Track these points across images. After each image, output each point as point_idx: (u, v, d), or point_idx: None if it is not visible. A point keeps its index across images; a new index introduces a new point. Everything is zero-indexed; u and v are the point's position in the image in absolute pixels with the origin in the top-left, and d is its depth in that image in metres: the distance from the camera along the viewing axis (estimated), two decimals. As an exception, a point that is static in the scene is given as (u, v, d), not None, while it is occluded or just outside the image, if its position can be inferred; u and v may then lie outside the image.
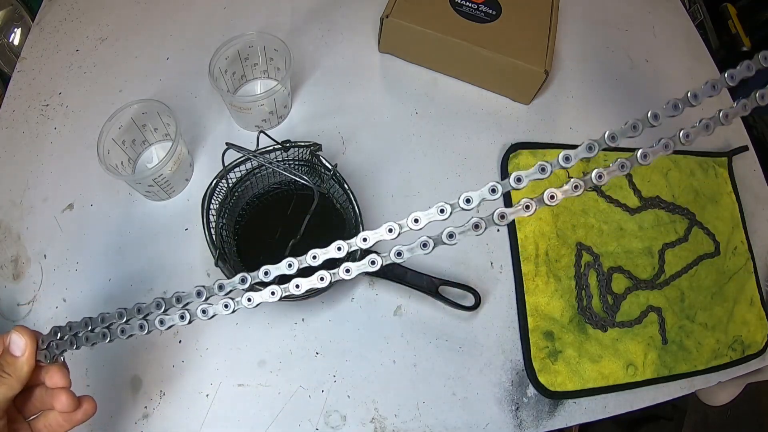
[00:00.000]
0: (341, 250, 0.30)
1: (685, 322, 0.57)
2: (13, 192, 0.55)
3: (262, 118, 0.58)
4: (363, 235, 0.30)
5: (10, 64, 0.64)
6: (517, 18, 0.64)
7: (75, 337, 0.32)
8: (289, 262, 0.30)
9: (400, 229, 0.29)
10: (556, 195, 0.27)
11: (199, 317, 0.30)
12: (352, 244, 0.30)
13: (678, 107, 0.28)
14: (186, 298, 0.31)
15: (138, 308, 0.31)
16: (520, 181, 0.28)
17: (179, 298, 0.31)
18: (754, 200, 0.67)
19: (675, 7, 0.80)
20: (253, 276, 0.30)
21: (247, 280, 0.30)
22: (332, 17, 0.70)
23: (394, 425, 0.48)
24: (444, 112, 0.64)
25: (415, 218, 0.29)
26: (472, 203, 0.29)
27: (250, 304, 0.30)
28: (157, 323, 0.30)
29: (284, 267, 0.30)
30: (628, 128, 0.28)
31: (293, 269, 0.30)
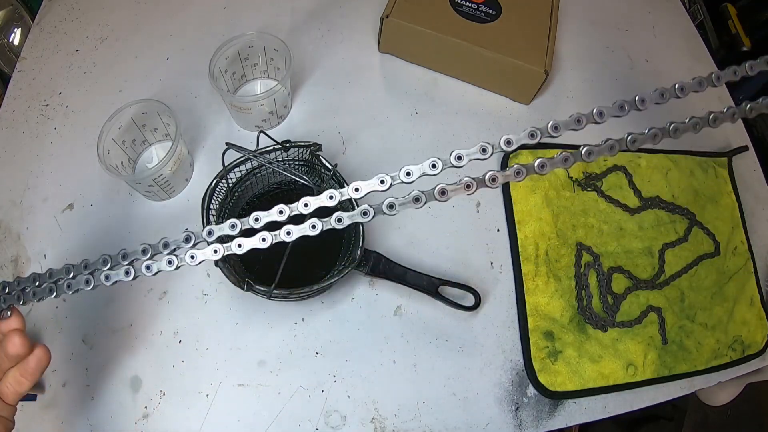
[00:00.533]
0: (333, 199, 0.29)
1: (685, 322, 0.57)
2: (13, 192, 0.55)
3: (262, 118, 0.58)
4: (355, 185, 0.29)
5: (10, 64, 0.64)
6: (517, 18, 0.64)
7: (22, 292, 0.31)
8: (280, 209, 0.29)
9: (391, 181, 0.29)
10: (546, 165, 0.28)
11: (187, 263, 0.29)
12: (344, 193, 0.29)
13: (664, 96, 0.28)
14: (174, 244, 0.30)
15: (123, 254, 0.30)
16: (510, 144, 0.28)
17: (166, 244, 0.30)
18: (754, 200, 0.67)
19: (675, 7, 0.80)
20: (243, 222, 0.30)
21: (237, 225, 0.30)
22: (332, 17, 0.70)
23: (394, 425, 0.48)
24: (444, 112, 0.64)
25: (407, 171, 0.29)
26: (463, 160, 0.29)
27: (240, 249, 0.29)
28: (143, 269, 0.29)
29: (275, 213, 0.30)
30: (615, 108, 0.28)
31: (284, 216, 0.30)
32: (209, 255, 0.29)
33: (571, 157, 0.28)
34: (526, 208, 0.58)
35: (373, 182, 0.29)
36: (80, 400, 0.47)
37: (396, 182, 0.29)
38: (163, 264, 0.29)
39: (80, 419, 0.46)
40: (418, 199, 0.29)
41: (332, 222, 0.29)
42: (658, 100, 0.28)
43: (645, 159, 0.64)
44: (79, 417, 0.46)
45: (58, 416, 0.46)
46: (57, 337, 0.49)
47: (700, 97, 0.73)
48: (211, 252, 0.29)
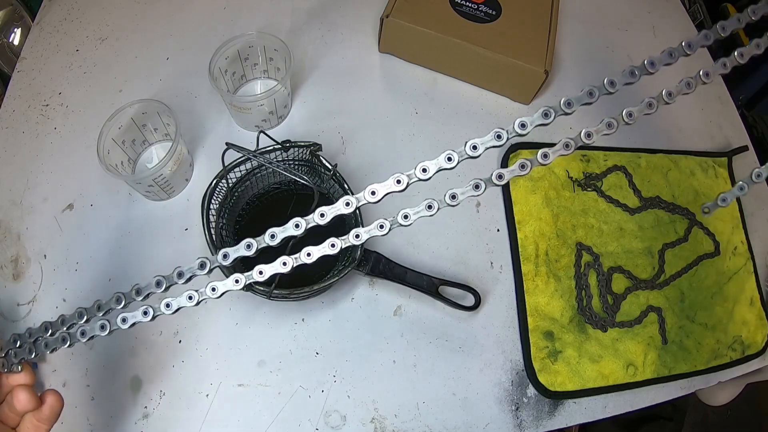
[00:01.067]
0: (350, 206, 0.28)
1: (685, 322, 0.57)
2: (13, 192, 0.55)
3: (262, 118, 0.58)
4: (371, 188, 0.27)
5: (10, 64, 0.64)
6: (517, 18, 0.64)
7: (34, 344, 0.31)
8: (296, 222, 0.28)
9: (408, 180, 0.27)
10: (549, 154, 0.27)
11: (209, 296, 0.28)
12: (361, 198, 0.28)
13: (635, 74, 0.27)
14: (189, 272, 0.29)
15: (137, 290, 0.29)
16: (524, 127, 0.28)
17: (181, 273, 0.29)
18: (754, 200, 0.67)
19: (675, 7, 0.80)
20: (259, 241, 0.28)
21: (253, 245, 0.28)
22: (332, 17, 0.70)
23: (394, 425, 0.48)
24: (444, 112, 0.64)
25: (423, 168, 0.27)
26: (478, 150, 0.28)
27: (261, 276, 0.28)
28: (162, 308, 0.28)
29: (291, 227, 0.28)
30: (584, 95, 0.28)
31: (301, 229, 0.28)
32: (231, 285, 0.28)
33: (572, 141, 0.27)
34: (526, 208, 0.58)
35: (389, 183, 0.28)
36: (80, 400, 0.47)
37: (413, 180, 0.28)
38: (183, 300, 0.28)
39: (80, 419, 0.46)
40: (431, 207, 0.28)
41: (351, 239, 0.28)
42: (629, 79, 0.28)
43: (645, 159, 0.64)
44: (79, 417, 0.46)
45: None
46: (57, 337, 0.49)
47: (700, 97, 0.74)
48: (232, 282, 0.28)
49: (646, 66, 0.27)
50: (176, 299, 0.28)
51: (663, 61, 0.28)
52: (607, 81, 0.27)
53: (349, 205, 0.28)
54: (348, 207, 0.28)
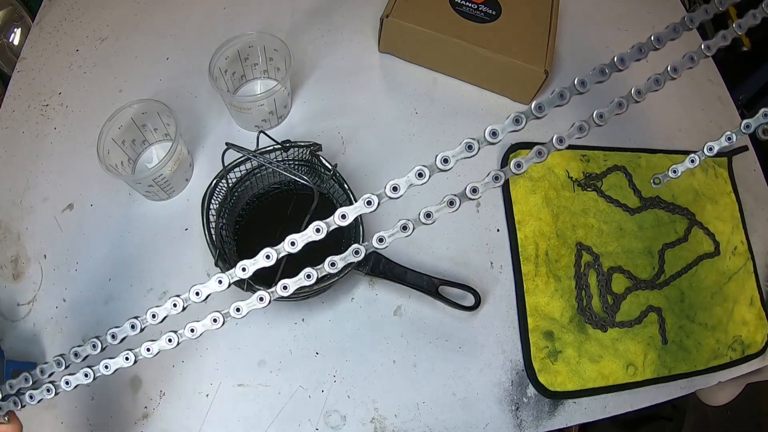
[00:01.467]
0: (371, 204, 0.27)
1: (685, 322, 0.57)
2: (13, 192, 0.55)
3: (262, 118, 0.58)
4: (392, 183, 0.27)
5: (10, 64, 0.64)
6: (517, 18, 0.64)
7: (53, 384, 0.30)
8: (317, 226, 0.27)
9: (429, 172, 0.27)
10: (544, 151, 0.27)
11: (188, 337, 0.28)
12: (383, 195, 0.27)
13: (605, 72, 0.27)
14: (163, 311, 0.28)
15: (112, 335, 0.29)
16: (495, 135, 0.27)
17: (154, 315, 0.28)
18: (754, 200, 0.67)
19: (675, 7, 0.80)
20: (279, 249, 0.28)
21: (273, 256, 0.28)
22: (332, 17, 0.70)
23: (394, 425, 0.48)
24: (444, 112, 0.64)
25: (444, 158, 0.27)
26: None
27: (262, 303, 0.28)
28: (143, 352, 0.28)
29: (312, 232, 0.27)
30: (555, 97, 0.27)
31: (322, 234, 0.28)
32: (256, 304, 0.28)
33: (565, 136, 0.27)
34: (526, 208, 0.58)
35: (411, 176, 0.27)
36: (80, 400, 0.47)
37: (434, 172, 0.27)
38: (208, 323, 0.28)
39: (80, 419, 0.46)
40: (429, 215, 0.28)
41: (374, 243, 0.28)
42: (599, 78, 0.28)
43: (645, 159, 0.64)
44: (79, 417, 0.46)
45: (58, 416, 0.46)
46: (57, 337, 0.49)
47: (700, 97, 0.73)
48: (256, 300, 0.28)
49: (616, 63, 0.27)
50: (201, 322, 0.28)
51: (633, 57, 0.27)
52: (578, 81, 0.27)
53: (370, 203, 0.28)
54: (370, 206, 0.28)
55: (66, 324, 0.50)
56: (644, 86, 0.28)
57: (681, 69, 0.27)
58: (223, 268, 0.47)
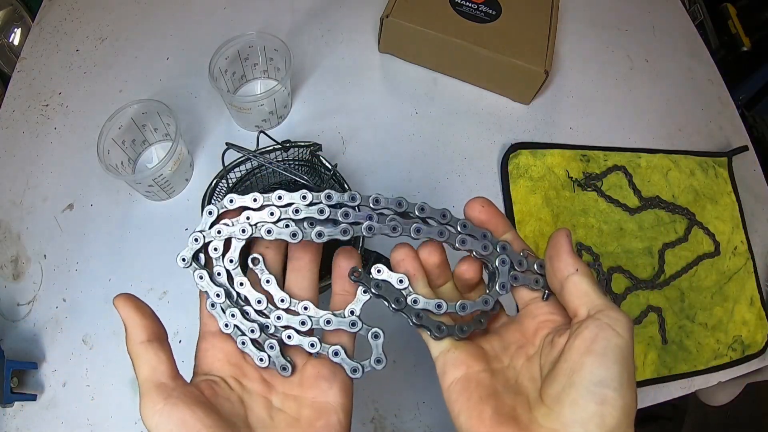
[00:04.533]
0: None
1: (685, 322, 0.57)
2: (13, 192, 0.55)
3: (262, 118, 0.58)
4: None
5: (10, 64, 0.64)
6: (517, 18, 0.64)
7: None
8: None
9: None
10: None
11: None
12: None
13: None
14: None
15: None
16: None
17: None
18: (754, 200, 0.67)
19: (675, 7, 0.80)
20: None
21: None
22: (332, 17, 0.70)
23: (394, 425, 0.48)
24: (444, 112, 0.64)
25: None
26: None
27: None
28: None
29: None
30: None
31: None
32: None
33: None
34: (526, 208, 0.58)
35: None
36: (80, 400, 0.47)
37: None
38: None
39: (80, 419, 0.46)
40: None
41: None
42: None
43: (645, 159, 0.64)
44: (79, 417, 0.46)
45: (58, 416, 0.46)
46: (57, 337, 0.49)
47: (700, 97, 0.73)
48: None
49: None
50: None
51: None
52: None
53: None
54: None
55: (66, 324, 0.50)
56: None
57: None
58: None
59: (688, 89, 0.72)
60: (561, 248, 0.27)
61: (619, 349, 0.23)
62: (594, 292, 0.26)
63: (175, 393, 0.25)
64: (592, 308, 0.25)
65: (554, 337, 0.27)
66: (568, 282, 0.26)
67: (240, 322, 0.28)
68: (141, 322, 0.26)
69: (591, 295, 0.25)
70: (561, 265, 0.27)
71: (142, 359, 0.26)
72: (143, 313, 0.26)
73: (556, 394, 0.24)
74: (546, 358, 0.27)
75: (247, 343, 0.28)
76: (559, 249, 0.27)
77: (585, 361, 0.23)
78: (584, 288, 0.26)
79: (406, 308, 0.30)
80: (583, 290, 0.26)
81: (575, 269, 0.26)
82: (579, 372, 0.23)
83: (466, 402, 0.27)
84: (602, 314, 0.24)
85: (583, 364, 0.23)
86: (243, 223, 0.28)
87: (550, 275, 0.28)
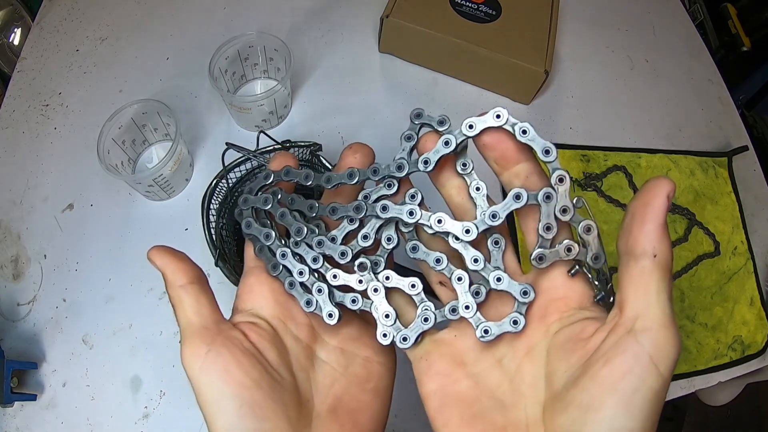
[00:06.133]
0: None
1: (685, 323, 0.57)
2: (13, 192, 0.55)
3: (262, 118, 0.58)
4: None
5: (10, 64, 0.64)
6: (517, 18, 0.64)
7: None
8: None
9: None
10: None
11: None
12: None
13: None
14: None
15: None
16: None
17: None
18: (754, 200, 0.67)
19: (675, 7, 0.80)
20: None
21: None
22: (332, 17, 0.70)
23: (394, 425, 0.48)
24: (444, 112, 0.64)
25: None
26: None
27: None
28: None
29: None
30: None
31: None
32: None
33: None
34: (526, 208, 0.58)
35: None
36: (80, 400, 0.47)
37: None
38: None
39: (80, 419, 0.46)
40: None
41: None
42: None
43: (645, 159, 0.64)
44: (79, 417, 0.46)
45: (58, 416, 0.46)
46: (57, 337, 0.49)
47: (700, 97, 0.73)
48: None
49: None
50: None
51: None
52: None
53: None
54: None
55: (66, 324, 0.50)
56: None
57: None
58: (223, 268, 0.47)
59: (688, 89, 0.72)
60: (655, 211, 0.19)
61: (653, 393, 0.18)
62: (657, 296, 0.19)
63: (220, 339, 0.23)
64: (641, 317, 0.19)
65: (575, 334, 0.21)
66: (636, 264, 0.19)
67: (290, 263, 0.26)
68: (179, 266, 0.24)
69: (650, 299, 0.19)
70: (641, 237, 0.19)
71: (185, 302, 0.24)
72: (179, 257, 0.24)
73: (563, 428, 0.19)
74: (559, 363, 0.21)
75: (295, 284, 0.26)
76: (648, 211, 0.19)
77: (607, 402, 0.18)
78: (650, 285, 0.19)
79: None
80: (647, 287, 0.19)
81: (654, 253, 0.19)
82: (596, 413, 0.18)
83: (444, 426, 0.23)
84: (648, 336, 0.18)
85: (603, 404, 0.18)
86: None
87: (622, 241, 0.20)
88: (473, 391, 0.23)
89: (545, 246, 0.23)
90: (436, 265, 0.26)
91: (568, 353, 0.21)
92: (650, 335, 0.18)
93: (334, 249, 0.26)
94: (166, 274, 0.24)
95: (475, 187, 0.26)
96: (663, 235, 0.19)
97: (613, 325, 0.20)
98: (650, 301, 0.19)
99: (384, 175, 0.28)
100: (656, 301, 0.19)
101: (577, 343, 0.21)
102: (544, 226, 0.23)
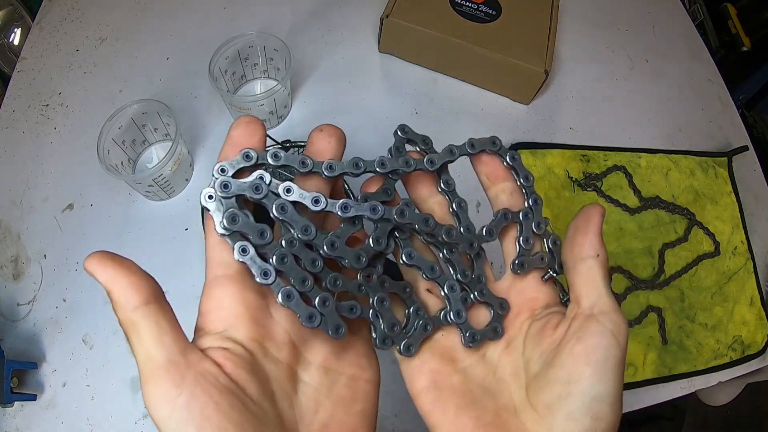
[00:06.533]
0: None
1: (685, 322, 0.57)
2: (13, 192, 0.55)
3: (262, 118, 0.58)
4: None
5: (10, 64, 0.64)
6: (517, 18, 0.64)
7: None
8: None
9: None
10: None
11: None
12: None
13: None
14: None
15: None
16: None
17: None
18: (754, 200, 0.67)
19: (675, 7, 0.80)
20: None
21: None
22: (332, 17, 0.70)
23: (394, 425, 0.48)
24: (444, 112, 0.64)
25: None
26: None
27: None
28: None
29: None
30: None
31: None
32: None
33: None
34: (526, 208, 0.58)
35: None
36: (80, 400, 0.47)
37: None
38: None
39: (80, 419, 0.46)
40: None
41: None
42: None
43: (645, 159, 0.64)
44: (79, 417, 0.46)
45: (58, 416, 0.46)
46: (57, 337, 0.49)
47: (701, 97, 0.73)
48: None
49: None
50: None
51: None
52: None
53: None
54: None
55: (66, 324, 0.50)
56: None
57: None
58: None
59: (688, 89, 0.72)
60: (591, 225, 0.24)
61: (617, 360, 0.22)
62: (605, 287, 0.23)
63: (190, 375, 0.19)
64: (596, 305, 0.23)
65: (543, 325, 0.24)
66: (582, 264, 0.24)
67: (293, 269, 0.22)
68: (129, 281, 0.19)
69: (600, 290, 0.23)
70: (585, 244, 0.24)
71: (142, 330, 0.19)
72: (128, 269, 0.20)
73: (549, 402, 0.22)
74: (533, 351, 0.24)
75: (293, 296, 0.22)
76: (589, 225, 0.24)
77: (584, 371, 0.21)
78: (597, 279, 0.23)
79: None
80: (596, 281, 0.23)
81: (597, 254, 0.24)
82: (577, 383, 0.21)
83: (442, 416, 0.24)
84: (606, 317, 0.22)
85: (582, 375, 0.21)
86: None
87: (567, 250, 0.25)
88: (464, 384, 0.25)
89: (525, 254, 0.27)
90: (430, 273, 0.27)
91: (539, 341, 0.24)
92: (608, 316, 0.22)
93: (345, 252, 0.23)
94: (113, 293, 0.19)
95: (458, 204, 0.28)
96: (602, 242, 0.25)
97: (574, 315, 0.23)
98: (601, 292, 0.23)
99: (365, 169, 0.27)
100: (605, 291, 0.23)
101: (545, 332, 0.24)
102: (524, 239, 0.27)
